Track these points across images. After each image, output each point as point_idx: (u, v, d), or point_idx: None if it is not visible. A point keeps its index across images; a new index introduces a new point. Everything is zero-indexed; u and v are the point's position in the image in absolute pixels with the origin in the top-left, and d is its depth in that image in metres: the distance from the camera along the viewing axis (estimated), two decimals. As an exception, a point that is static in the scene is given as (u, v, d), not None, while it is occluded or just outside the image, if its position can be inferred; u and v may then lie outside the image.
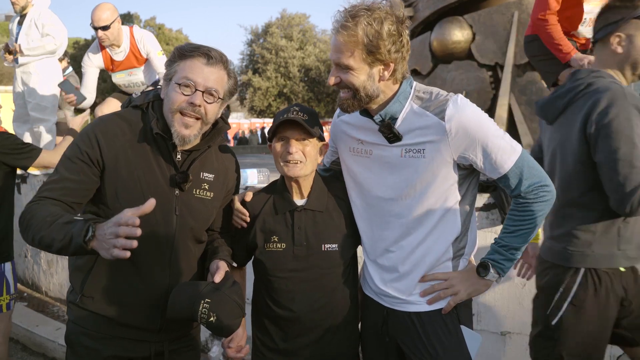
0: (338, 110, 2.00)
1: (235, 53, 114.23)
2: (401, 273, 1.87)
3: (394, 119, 1.77)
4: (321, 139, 1.96)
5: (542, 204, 1.77)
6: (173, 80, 1.76)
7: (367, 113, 1.82)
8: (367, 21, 1.63)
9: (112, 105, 4.90)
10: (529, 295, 3.15)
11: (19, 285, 5.63)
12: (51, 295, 5.17)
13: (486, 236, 3.05)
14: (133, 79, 4.79)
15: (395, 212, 1.84)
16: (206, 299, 1.71)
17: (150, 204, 1.49)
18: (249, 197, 2.04)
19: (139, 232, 1.45)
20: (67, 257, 4.60)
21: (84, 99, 4.59)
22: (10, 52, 5.16)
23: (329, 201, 2.00)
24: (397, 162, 1.80)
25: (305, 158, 1.91)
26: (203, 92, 1.74)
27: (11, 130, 10.77)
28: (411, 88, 1.79)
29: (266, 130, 29.22)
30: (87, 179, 1.75)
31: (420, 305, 1.87)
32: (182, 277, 1.88)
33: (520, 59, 7.96)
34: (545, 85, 7.69)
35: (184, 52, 1.76)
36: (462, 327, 1.86)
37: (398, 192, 1.82)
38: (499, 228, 3.13)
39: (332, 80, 1.75)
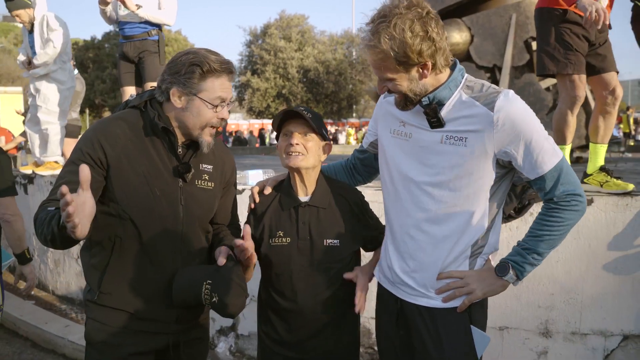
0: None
1: (234, 54, 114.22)
2: (421, 263, 1.87)
3: (441, 104, 1.76)
4: (324, 138, 2.05)
5: (574, 213, 1.75)
6: (202, 97, 1.84)
7: None
8: (388, 33, 1.62)
9: (129, 94, 5.06)
10: (526, 291, 3.26)
11: (25, 284, 5.71)
12: (58, 294, 5.24)
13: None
14: (137, 1, 4.88)
15: (426, 199, 1.82)
16: (208, 281, 1.78)
17: (84, 170, 1.53)
18: (267, 190, 2.14)
19: (69, 197, 1.47)
20: (74, 255, 4.69)
21: None
22: (29, 63, 5.27)
23: (332, 199, 2.09)
24: (435, 148, 1.78)
25: (306, 151, 1.99)
26: (227, 104, 1.91)
27: (19, 131, 10.73)
28: (462, 77, 1.79)
29: (264, 132, 28.88)
30: (92, 180, 1.80)
31: (435, 300, 1.86)
32: (193, 265, 1.97)
33: (518, 61, 8.04)
34: (542, 87, 7.81)
35: (211, 69, 1.83)
36: (472, 327, 1.84)
37: (431, 178, 1.80)
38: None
39: (382, 91, 1.80)
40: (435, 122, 1.76)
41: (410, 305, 1.91)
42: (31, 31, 5.31)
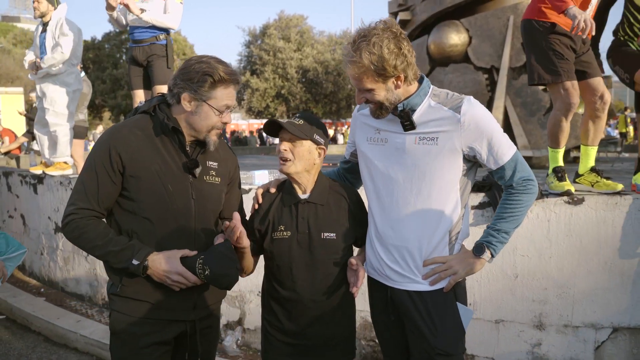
0: (358, 106, 2.27)
1: (233, 54, 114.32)
2: (406, 252, 2.10)
3: (412, 110, 2.03)
4: (316, 142, 2.18)
5: (529, 195, 2.07)
6: (210, 104, 2.01)
7: None
8: (368, 50, 1.89)
9: (140, 97, 5.30)
10: (520, 286, 3.40)
11: (35, 281, 5.87)
12: (68, 291, 5.36)
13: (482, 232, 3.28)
14: (143, 6, 5.03)
15: (405, 193, 2.06)
16: (201, 256, 1.97)
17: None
18: (273, 190, 2.30)
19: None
20: (84, 253, 4.86)
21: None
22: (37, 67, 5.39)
23: (330, 197, 2.25)
24: (410, 148, 2.04)
25: (293, 157, 2.13)
26: (231, 110, 2.08)
27: (21, 131, 10.85)
28: (429, 87, 2.07)
29: (262, 132, 29.25)
30: (111, 186, 2.01)
31: (422, 284, 2.10)
32: None
33: (515, 62, 8.14)
34: (540, 88, 7.94)
35: (221, 79, 1.99)
36: (458, 304, 2.12)
37: (409, 175, 2.05)
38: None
39: (360, 101, 2.07)
40: (409, 125, 2.03)
41: (400, 292, 2.14)
42: (43, 31, 5.44)
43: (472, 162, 2.09)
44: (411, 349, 2.18)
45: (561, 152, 3.64)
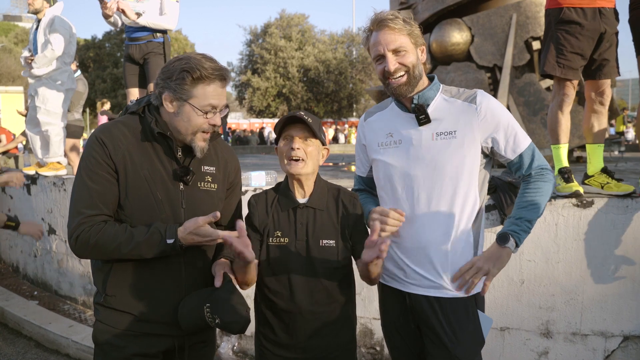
0: (362, 116, 2.28)
1: (234, 53, 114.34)
2: (427, 254, 2.02)
3: (427, 104, 2.04)
4: (323, 142, 2.09)
5: (548, 183, 2.05)
6: (192, 103, 1.85)
7: (401, 104, 2.12)
8: (404, 19, 2.00)
9: (134, 95, 5.20)
10: (527, 292, 3.29)
11: (29, 284, 5.76)
12: (61, 294, 5.26)
13: (486, 235, 3.17)
14: (139, 8, 4.93)
15: (426, 192, 2.02)
16: (207, 304, 1.84)
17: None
18: None
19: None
20: (77, 256, 4.73)
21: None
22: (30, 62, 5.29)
23: (329, 201, 2.13)
24: (428, 145, 2.02)
25: (306, 156, 2.01)
26: (220, 110, 1.91)
27: (20, 130, 10.75)
28: (440, 85, 2.11)
29: (264, 132, 28.81)
30: (112, 186, 1.86)
31: (442, 290, 2.02)
32: (195, 268, 1.99)
33: (518, 61, 8.05)
34: (543, 87, 7.83)
35: (202, 76, 1.83)
36: (479, 311, 2.03)
37: (428, 171, 2.01)
38: (498, 228, 3.25)
39: (392, 66, 1.99)
40: (424, 118, 2.03)
41: (419, 298, 2.06)
42: (37, 28, 5.34)
43: (488, 156, 2.08)
44: (429, 358, 2.08)
45: (563, 149, 3.52)
